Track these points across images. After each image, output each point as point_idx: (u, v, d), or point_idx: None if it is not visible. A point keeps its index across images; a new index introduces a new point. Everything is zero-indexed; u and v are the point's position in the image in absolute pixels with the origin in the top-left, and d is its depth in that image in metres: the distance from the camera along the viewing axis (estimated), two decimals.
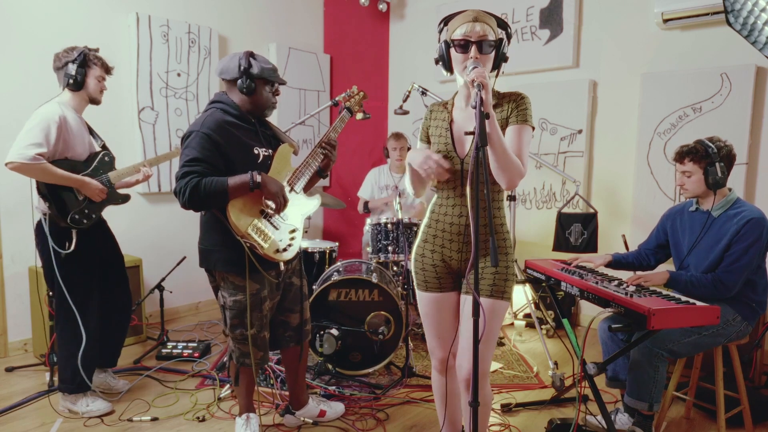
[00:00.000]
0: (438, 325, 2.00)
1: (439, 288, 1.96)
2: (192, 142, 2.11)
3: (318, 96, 5.23)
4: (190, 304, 4.45)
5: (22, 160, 2.37)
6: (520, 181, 1.79)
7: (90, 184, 2.57)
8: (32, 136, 2.41)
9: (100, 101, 2.72)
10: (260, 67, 2.25)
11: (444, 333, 2.00)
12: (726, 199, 2.41)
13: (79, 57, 2.57)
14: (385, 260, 3.58)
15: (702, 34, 3.62)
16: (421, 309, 2.03)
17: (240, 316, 2.26)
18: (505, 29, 1.86)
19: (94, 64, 2.63)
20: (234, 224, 2.11)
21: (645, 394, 2.34)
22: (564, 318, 2.62)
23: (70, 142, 2.56)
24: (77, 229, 2.59)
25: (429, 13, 5.08)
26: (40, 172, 2.43)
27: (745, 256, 2.28)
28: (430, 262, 1.95)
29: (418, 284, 2.01)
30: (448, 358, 2.01)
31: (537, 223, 4.43)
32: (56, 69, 2.62)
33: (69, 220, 2.53)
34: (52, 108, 2.51)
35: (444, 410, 2.08)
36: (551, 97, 4.29)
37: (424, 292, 1.99)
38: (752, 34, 1.35)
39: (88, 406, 2.65)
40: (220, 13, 4.45)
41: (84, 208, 2.59)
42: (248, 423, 2.41)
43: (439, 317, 1.99)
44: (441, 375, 2.07)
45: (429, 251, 1.96)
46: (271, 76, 2.29)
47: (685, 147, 2.45)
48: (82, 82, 2.60)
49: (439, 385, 2.10)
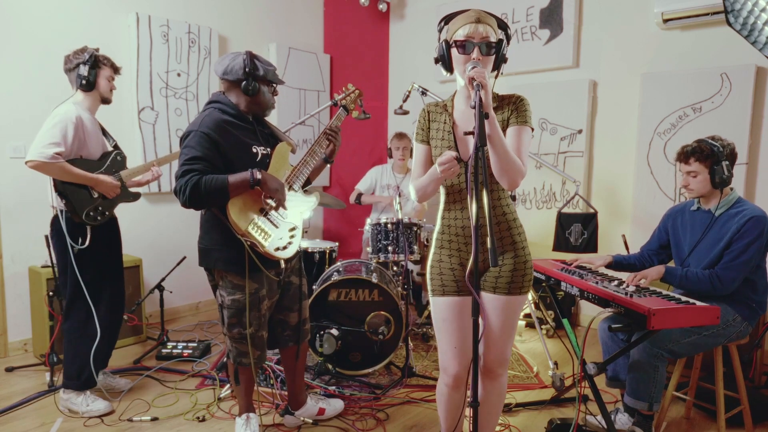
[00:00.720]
0: (455, 332, 1.90)
1: (458, 291, 1.90)
2: (191, 141, 2.12)
3: (318, 96, 5.23)
4: (190, 304, 4.45)
5: (42, 159, 2.44)
6: (521, 181, 1.81)
7: (105, 182, 2.64)
8: (51, 135, 2.48)
9: (111, 100, 2.79)
10: (264, 69, 2.27)
11: (462, 341, 1.90)
12: (728, 199, 2.41)
13: (90, 58, 2.62)
14: (385, 260, 3.58)
15: (702, 34, 3.62)
16: (439, 315, 1.92)
17: (237, 315, 2.27)
18: (504, 30, 1.86)
19: (104, 64, 2.70)
20: (234, 223, 2.11)
21: (645, 394, 2.34)
22: (564, 318, 2.62)
23: (86, 141, 2.62)
24: (91, 226, 2.65)
25: (429, 13, 5.09)
26: (58, 171, 2.50)
27: (744, 253, 2.28)
28: (448, 266, 1.91)
29: (434, 290, 1.93)
30: (463, 373, 1.91)
31: (537, 223, 4.43)
32: (67, 71, 2.67)
33: (84, 216, 2.60)
34: (68, 108, 2.58)
35: (451, 420, 2.01)
36: (551, 97, 4.29)
37: (442, 297, 1.91)
38: (752, 34, 1.35)
39: (88, 406, 2.66)
40: (220, 13, 4.46)
41: (98, 205, 2.66)
42: (248, 423, 2.41)
43: (457, 323, 1.90)
44: (453, 391, 1.96)
45: (446, 256, 1.92)
46: (273, 78, 2.32)
47: (688, 147, 2.43)
48: (94, 83, 2.66)
49: (448, 399, 1.98)
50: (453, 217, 1.91)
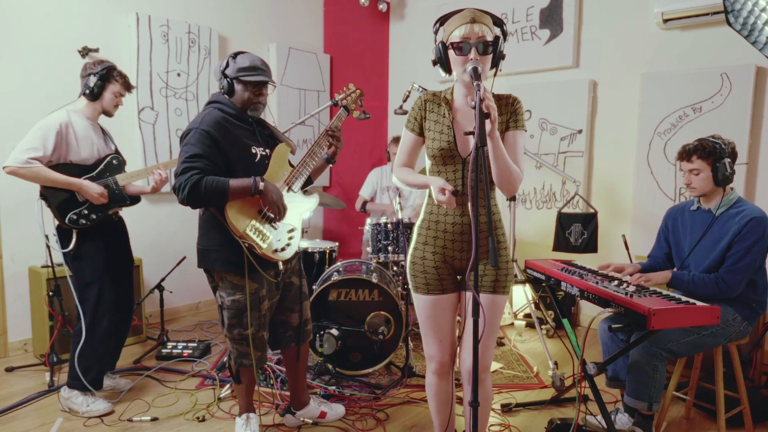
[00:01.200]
0: (439, 327, 1.96)
1: (441, 290, 1.93)
2: (191, 139, 2.11)
3: (318, 96, 5.23)
4: (190, 304, 4.45)
5: (15, 164, 2.50)
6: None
7: (88, 188, 2.61)
8: (27, 141, 2.54)
9: (112, 114, 2.81)
10: (235, 67, 2.23)
11: (445, 335, 1.97)
12: (728, 198, 2.40)
13: (102, 71, 2.67)
14: (385, 260, 3.58)
15: (702, 34, 3.62)
16: (422, 312, 1.98)
17: (238, 316, 2.26)
18: (500, 26, 1.85)
19: (116, 80, 2.73)
20: (232, 224, 2.11)
21: (644, 393, 2.34)
22: (564, 318, 2.61)
23: (74, 146, 2.63)
24: (77, 229, 2.63)
25: (429, 13, 5.08)
26: (33, 176, 2.54)
27: (747, 255, 2.27)
28: (432, 264, 1.92)
29: (417, 287, 1.96)
30: (448, 360, 1.98)
31: (537, 223, 4.43)
32: (81, 77, 2.72)
33: (67, 220, 2.60)
34: (56, 115, 2.62)
35: (442, 415, 2.06)
36: (551, 97, 4.29)
37: (425, 295, 1.94)
38: (752, 34, 1.35)
39: (88, 406, 2.66)
40: (220, 13, 4.45)
41: (84, 210, 2.63)
42: (248, 423, 2.41)
43: (441, 319, 1.95)
44: (440, 379, 2.02)
45: (430, 253, 1.92)
46: (244, 76, 2.22)
47: (689, 145, 2.42)
48: (99, 95, 2.70)
49: (437, 390, 2.04)
50: (443, 212, 1.90)
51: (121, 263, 2.84)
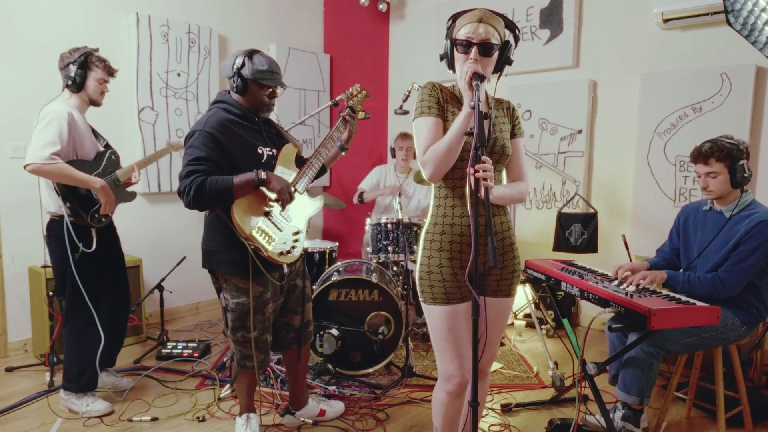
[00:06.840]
0: (460, 339, 1.80)
1: (461, 297, 1.81)
2: (195, 141, 2.11)
3: (318, 96, 5.23)
4: (190, 304, 4.45)
5: (39, 162, 2.37)
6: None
7: (101, 185, 2.53)
8: (45, 135, 2.41)
9: (100, 103, 2.71)
10: (253, 69, 2.19)
11: (465, 350, 1.82)
12: (741, 200, 2.36)
13: (80, 58, 2.56)
14: (385, 260, 3.58)
15: (702, 34, 3.62)
16: (441, 324, 1.81)
17: (242, 319, 2.25)
18: (513, 31, 1.82)
19: (96, 66, 2.61)
20: (238, 226, 2.10)
21: (637, 389, 2.34)
22: (564, 318, 2.61)
23: (79, 141, 2.56)
24: (96, 228, 2.60)
25: (429, 13, 5.09)
26: (57, 172, 2.41)
27: (751, 257, 2.25)
28: (450, 272, 1.79)
29: (436, 298, 1.79)
30: (468, 380, 1.82)
31: (537, 223, 4.43)
32: (60, 69, 2.62)
33: (89, 218, 2.55)
34: (59, 106, 2.51)
35: (449, 430, 1.97)
36: (551, 97, 4.30)
37: (445, 306, 1.79)
38: (752, 34, 1.35)
39: (88, 407, 2.65)
40: (220, 13, 4.45)
41: (98, 207, 2.59)
42: (248, 423, 2.41)
43: (462, 330, 1.81)
44: (455, 398, 1.86)
45: (447, 259, 1.80)
46: (263, 80, 2.21)
47: (704, 147, 2.34)
48: (82, 84, 2.59)
49: (447, 410, 1.89)
50: (459, 214, 1.80)
51: (116, 262, 2.83)
